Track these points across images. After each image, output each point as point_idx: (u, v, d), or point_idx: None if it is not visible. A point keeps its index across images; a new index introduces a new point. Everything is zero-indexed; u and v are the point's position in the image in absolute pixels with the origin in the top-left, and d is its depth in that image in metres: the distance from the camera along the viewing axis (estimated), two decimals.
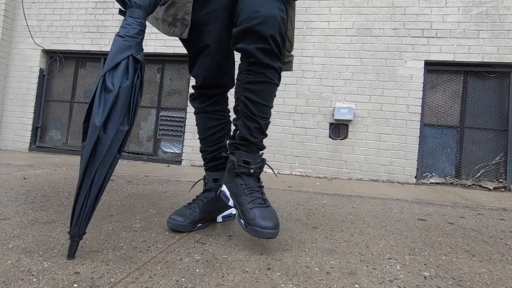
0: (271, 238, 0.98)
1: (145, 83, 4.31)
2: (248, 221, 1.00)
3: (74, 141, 4.43)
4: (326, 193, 2.35)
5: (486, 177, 3.44)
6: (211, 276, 0.80)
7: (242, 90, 1.06)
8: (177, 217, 1.14)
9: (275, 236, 0.98)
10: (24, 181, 1.96)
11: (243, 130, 1.06)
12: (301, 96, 3.71)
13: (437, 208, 1.99)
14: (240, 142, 1.07)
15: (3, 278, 0.71)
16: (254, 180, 1.07)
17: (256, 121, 1.05)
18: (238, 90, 1.08)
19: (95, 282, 0.73)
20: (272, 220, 0.99)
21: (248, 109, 1.05)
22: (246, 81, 1.05)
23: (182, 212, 1.16)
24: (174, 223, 1.13)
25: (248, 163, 1.05)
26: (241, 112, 1.06)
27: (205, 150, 1.29)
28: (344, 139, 3.60)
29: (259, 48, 0.99)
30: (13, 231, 1.03)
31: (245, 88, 1.05)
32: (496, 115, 3.48)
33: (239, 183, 1.06)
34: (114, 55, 0.87)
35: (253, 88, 1.04)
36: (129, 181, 2.25)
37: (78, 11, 4.35)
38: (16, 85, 4.45)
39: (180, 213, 1.16)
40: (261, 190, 1.06)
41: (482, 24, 3.42)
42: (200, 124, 1.30)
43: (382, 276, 0.87)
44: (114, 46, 0.89)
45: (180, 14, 1.11)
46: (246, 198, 1.03)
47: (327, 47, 3.69)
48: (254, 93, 1.04)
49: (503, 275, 0.94)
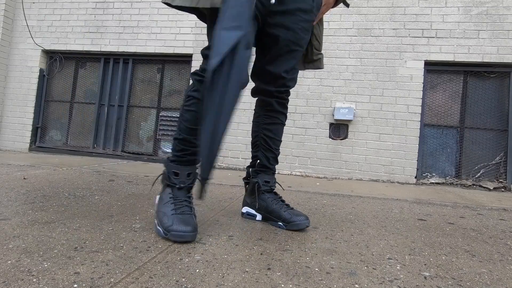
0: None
1: (145, 83, 4.32)
2: (286, 220, 1.28)
3: (74, 141, 4.43)
4: (326, 193, 2.35)
5: (486, 177, 3.44)
6: (211, 276, 0.80)
7: (262, 129, 1.40)
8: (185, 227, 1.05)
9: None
10: (24, 181, 1.96)
11: (263, 159, 1.39)
12: (301, 96, 3.71)
13: (437, 208, 1.99)
14: (260, 168, 1.40)
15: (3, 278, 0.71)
16: (273, 193, 1.40)
17: (273, 152, 1.40)
18: (258, 129, 1.40)
19: (95, 282, 0.73)
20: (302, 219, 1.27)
21: (266, 143, 1.39)
22: (264, 123, 1.39)
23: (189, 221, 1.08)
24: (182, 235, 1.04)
25: (268, 182, 1.38)
26: (261, 146, 1.40)
27: (191, 141, 1.17)
28: (344, 139, 3.60)
29: (276, 100, 1.37)
30: (13, 231, 1.03)
31: (264, 128, 1.40)
32: (496, 115, 3.48)
33: (266, 197, 1.37)
34: None
35: (270, 128, 1.39)
36: (129, 181, 2.25)
37: (78, 11, 4.35)
38: (16, 85, 4.45)
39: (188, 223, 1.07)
40: (281, 198, 1.40)
41: (482, 24, 3.42)
42: (196, 113, 1.17)
43: (382, 276, 0.87)
44: None
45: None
46: (278, 206, 1.34)
47: (327, 47, 3.69)
48: (270, 132, 1.39)
49: (503, 275, 0.94)
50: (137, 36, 4.16)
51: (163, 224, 1.07)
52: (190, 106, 1.18)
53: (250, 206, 1.42)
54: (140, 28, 4.16)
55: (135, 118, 4.30)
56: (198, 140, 1.18)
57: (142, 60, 4.29)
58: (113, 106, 4.32)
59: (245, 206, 1.45)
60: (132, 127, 4.30)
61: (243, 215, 1.44)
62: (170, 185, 1.16)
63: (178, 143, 1.19)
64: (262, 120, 1.40)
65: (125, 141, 4.29)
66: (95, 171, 2.68)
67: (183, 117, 1.19)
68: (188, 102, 1.19)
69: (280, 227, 1.30)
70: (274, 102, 1.36)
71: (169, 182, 1.17)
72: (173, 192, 1.15)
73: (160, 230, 1.07)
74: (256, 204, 1.38)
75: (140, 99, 4.31)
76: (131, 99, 4.32)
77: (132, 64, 4.30)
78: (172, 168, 1.17)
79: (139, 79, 4.33)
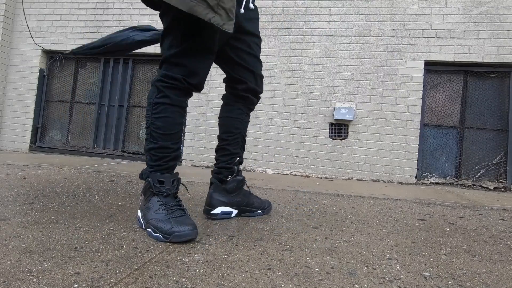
0: None
1: (145, 83, 4.32)
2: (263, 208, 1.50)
3: (74, 141, 4.43)
4: (326, 193, 2.35)
5: (486, 177, 3.43)
6: (211, 276, 0.80)
7: (244, 128, 1.45)
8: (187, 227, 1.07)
9: None
10: (24, 182, 1.96)
11: (241, 156, 1.46)
12: (301, 96, 3.71)
13: (437, 208, 1.99)
14: (238, 166, 1.46)
15: (3, 278, 0.71)
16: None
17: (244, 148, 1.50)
18: (242, 127, 1.43)
19: (95, 282, 0.72)
20: None
21: (244, 141, 1.48)
22: (246, 121, 1.45)
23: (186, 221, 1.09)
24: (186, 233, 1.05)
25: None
26: (240, 143, 1.45)
27: (169, 147, 1.19)
28: (344, 139, 3.60)
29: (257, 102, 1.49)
30: (13, 231, 1.03)
31: (245, 127, 1.45)
32: (496, 115, 3.48)
33: (244, 192, 1.46)
34: None
35: (247, 125, 1.48)
36: (129, 181, 2.25)
37: (78, 12, 4.35)
38: (16, 85, 4.45)
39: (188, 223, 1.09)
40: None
41: (482, 24, 3.42)
42: (168, 118, 1.17)
43: (382, 276, 0.87)
44: None
45: (228, 3, 1.04)
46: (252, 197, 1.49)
47: (327, 47, 3.69)
48: (246, 129, 1.48)
49: (503, 275, 0.94)
50: None
51: (161, 229, 1.05)
52: (160, 113, 1.17)
53: (226, 205, 1.38)
54: None
55: (135, 118, 4.30)
56: (175, 144, 1.21)
57: (142, 60, 4.29)
58: (113, 106, 4.32)
59: (219, 206, 1.37)
60: (132, 127, 4.30)
61: (217, 216, 1.36)
62: (157, 193, 1.15)
63: (156, 152, 1.18)
64: (246, 118, 1.46)
65: (125, 141, 4.29)
66: (95, 171, 2.68)
67: (154, 125, 1.17)
68: (158, 109, 1.17)
69: (259, 215, 1.47)
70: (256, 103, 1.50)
71: (155, 191, 1.15)
72: (161, 200, 1.14)
73: (159, 236, 1.05)
74: (237, 200, 1.42)
75: (140, 99, 4.31)
76: (131, 99, 4.32)
77: (132, 64, 4.31)
78: (156, 177, 1.17)
79: (139, 79, 4.33)
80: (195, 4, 0.99)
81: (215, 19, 1.02)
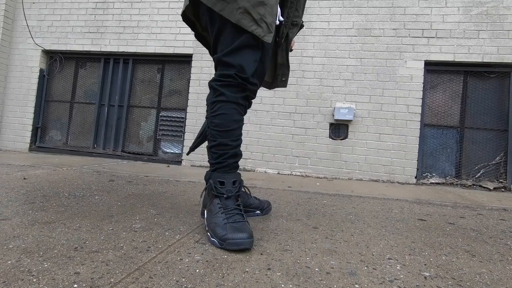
0: None
1: (145, 83, 4.32)
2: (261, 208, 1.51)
3: (74, 141, 4.43)
4: (326, 193, 2.35)
5: (486, 177, 3.43)
6: (211, 276, 0.80)
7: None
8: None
9: None
10: (24, 181, 1.96)
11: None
12: (301, 96, 3.71)
13: (437, 208, 1.99)
14: None
15: (3, 278, 0.71)
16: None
17: None
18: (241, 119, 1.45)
19: (95, 282, 0.72)
20: None
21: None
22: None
23: (243, 228, 1.06)
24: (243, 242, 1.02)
25: None
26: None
27: (228, 144, 1.20)
28: (344, 139, 3.60)
29: None
30: (13, 231, 1.03)
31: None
32: (496, 115, 3.48)
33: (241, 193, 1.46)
34: None
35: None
36: (129, 181, 2.25)
37: (78, 12, 4.35)
38: (16, 85, 4.45)
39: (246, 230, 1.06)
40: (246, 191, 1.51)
41: (482, 24, 3.42)
42: (225, 115, 1.19)
43: (382, 276, 0.87)
44: None
45: (269, 18, 1.16)
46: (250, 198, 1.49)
47: (327, 47, 3.69)
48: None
49: (503, 275, 0.94)
50: (137, 36, 4.16)
51: (217, 234, 1.05)
52: (217, 111, 1.20)
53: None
54: (140, 28, 4.16)
55: (135, 118, 4.30)
56: (234, 141, 1.22)
57: (142, 60, 4.29)
58: (113, 106, 4.32)
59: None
60: (132, 127, 4.30)
61: None
62: (218, 195, 1.17)
63: (215, 150, 1.21)
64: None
65: (125, 141, 4.29)
66: (95, 171, 2.68)
67: (213, 123, 1.21)
68: (215, 108, 1.21)
69: (257, 215, 1.47)
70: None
71: (216, 193, 1.17)
72: (221, 202, 1.15)
73: (215, 241, 1.04)
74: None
75: (140, 99, 4.31)
76: (131, 99, 4.32)
77: (132, 64, 4.31)
78: (217, 178, 1.19)
79: (139, 79, 4.33)
80: (242, 17, 1.13)
81: (258, 31, 1.14)
